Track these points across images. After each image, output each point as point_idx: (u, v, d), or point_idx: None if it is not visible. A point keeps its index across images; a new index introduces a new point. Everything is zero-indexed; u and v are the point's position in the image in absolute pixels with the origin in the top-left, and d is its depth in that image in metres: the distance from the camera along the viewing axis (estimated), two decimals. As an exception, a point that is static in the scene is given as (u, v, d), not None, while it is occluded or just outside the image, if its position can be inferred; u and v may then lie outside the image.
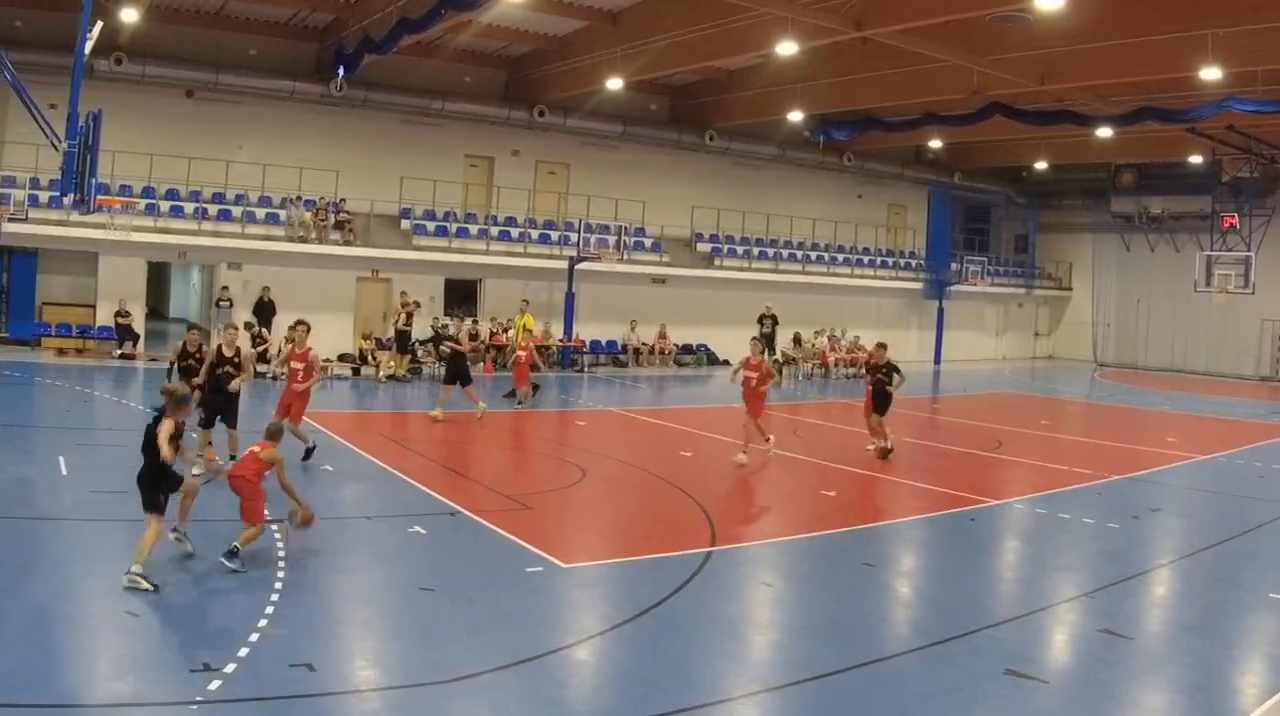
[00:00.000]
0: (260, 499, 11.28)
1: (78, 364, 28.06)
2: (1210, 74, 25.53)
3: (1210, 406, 34.08)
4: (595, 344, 37.95)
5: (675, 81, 39.77)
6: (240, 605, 9.73)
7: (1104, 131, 35.99)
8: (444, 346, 22.44)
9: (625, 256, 36.98)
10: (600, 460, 18.59)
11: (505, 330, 34.51)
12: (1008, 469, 20.66)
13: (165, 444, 10.24)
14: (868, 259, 46.67)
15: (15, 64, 22.60)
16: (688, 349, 40.16)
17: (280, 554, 11.29)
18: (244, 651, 8.43)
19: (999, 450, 22.48)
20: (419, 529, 12.94)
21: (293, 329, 18.00)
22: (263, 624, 9.11)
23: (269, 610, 9.48)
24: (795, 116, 37.04)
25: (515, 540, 12.53)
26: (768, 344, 36.34)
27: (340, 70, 33.20)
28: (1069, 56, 28.18)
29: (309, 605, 9.90)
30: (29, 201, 28.89)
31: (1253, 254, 40.99)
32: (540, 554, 11.98)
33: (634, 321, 38.09)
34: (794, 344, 38.84)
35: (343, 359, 31.18)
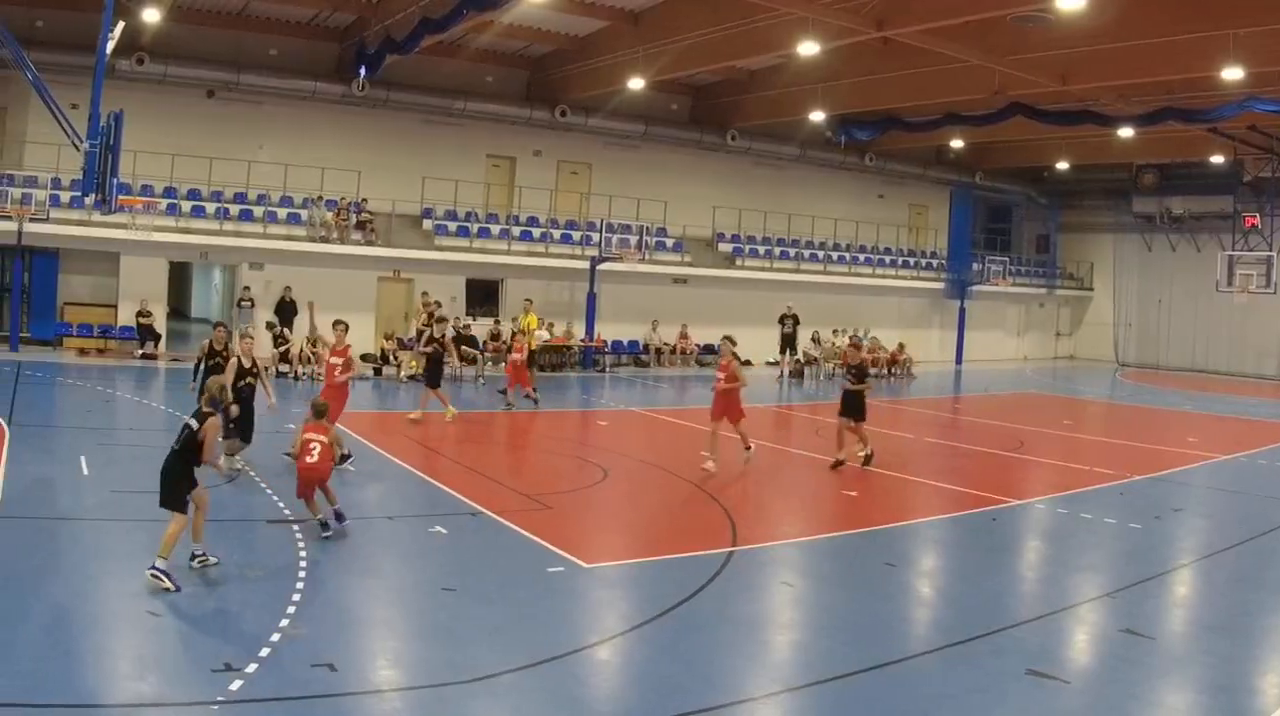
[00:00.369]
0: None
1: (99, 364, 28.12)
2: (1232, 74, 25.33)
3: (1232, 406, 33.86)
4: (617, 344, 37.90)
5: (697, 81, 39.70)
6: (262, 605, 9.71)
7: (1125, 131, 35.86)
8: (431, 346, 22.15)
9: (647, 256, 36.89)
10: (622, 460, 18.54)
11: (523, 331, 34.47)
12: (1029, 469, 20.57)
13: (211, 444, 10.39)
14: (889, 259, 46.53)
15: (37, 64, 22.73)
16: (709, 349, 39.93)
17: (302, 554, 11.28)
18: (265, 651, 8.41)
19: (1020, 450, 22.37)
20: (440, 529, 12.91)
21: (308, 331, 18.04)
22: (284, 624, 9.10)
23: (290, 610, 9.47)
24: (817, 116, 36.94)
25: (537, 540, 12.50)
26: (789, 344, 36.32)
27: (362, 70, 33.26)
28: (1090, 56, 28.02)
29: (330, 605, 9.88)
30: (50, 201, 29.07)
31: (1274, 254, 40.76)
32: (561, 554, 11.95)
33: (655, 321, 38.04)
34: (814, 343, 38.70)
35: (365, 359, 31.16)
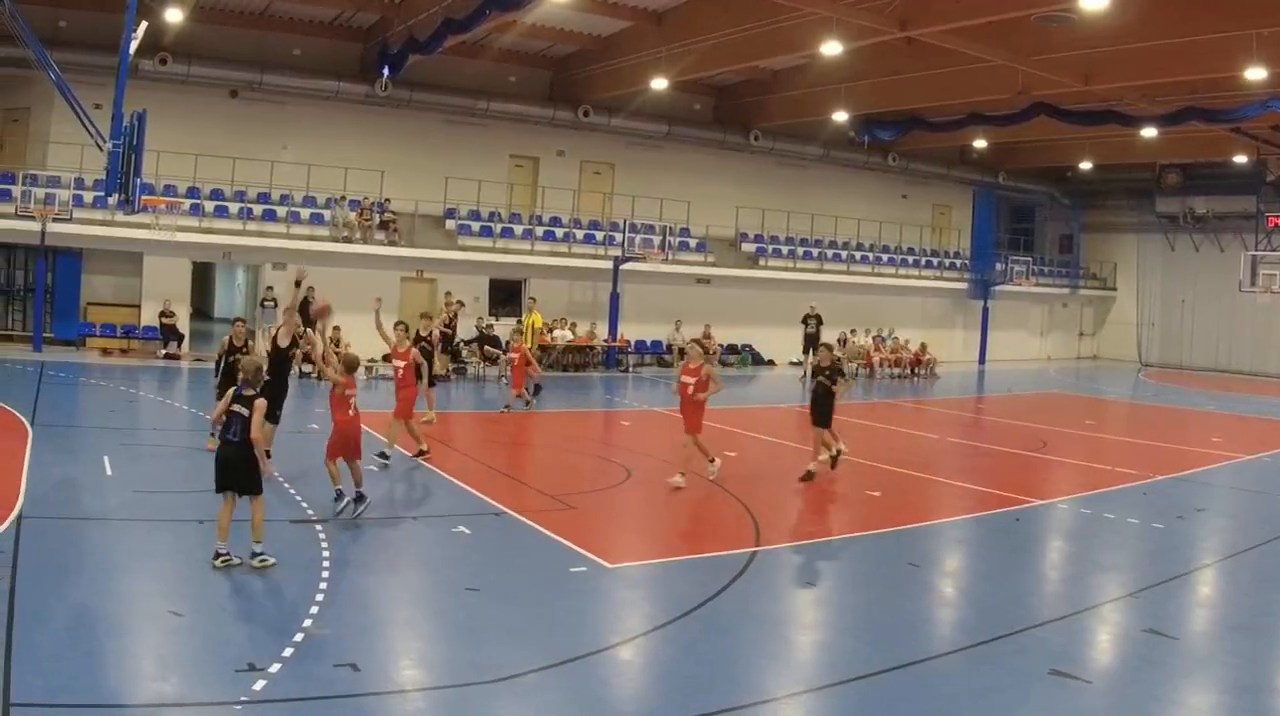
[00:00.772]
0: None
1: (122, 364, 28.24)
2: (1255, 74, 25.21)
3: (1255, 406, 33.64)
4: (640, 344, 37.89)
5: (720, 81, 39.65)
6: (285, 605, 9.72)
7: (1149, 131, 35.75)
8: (419, 344, 22.01)
9: (670, 256, 36.88)
10: (645, 460, 18.50)
11: (551, 330, 34.51)
12: (1052, 469, 20.47)
13: (259, 425, 10.60)
14: (912, 259, 46.41)
15: (60, 64, 22.77)
16: (732, 349, 40.03)
17: (325, 554, 11.25)
18: (288, 651, 8.38)
19: (1043, 450, 22.27)
20: (463, 529, 12.87)
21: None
22: (307, 624, 9.06)
23: (314, 610, 9.44)
24: (840, 116, 36.84)
25: (560, 540, 12.45)
26: (812, 344, 36.17)
27: (385, 70, 33.29)
28: (1113, 56, 27.90)
29: (353, 605, 9.84)
30: (74, 201, 29.20)
31: (1297, 254, 40.47)
32: (585, 554, 11.91)
33: (679, 321, 37.90)
34: (838, 343, 38.56)
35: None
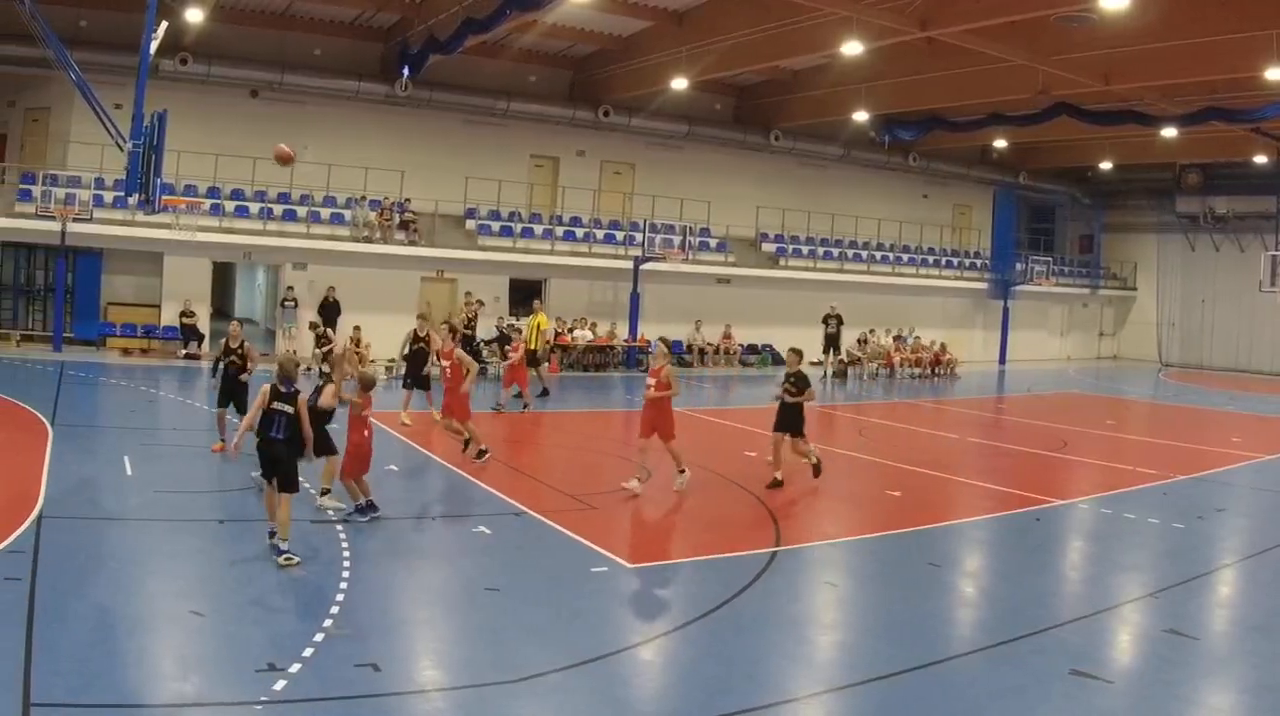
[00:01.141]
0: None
1: (143, 364, 28.31)
2: (1276, 74, 25.03)
3: (1275, 406, 33.46)
4: (659, 344, 37.68)
5: (740, 81, 39.62)
6: (305, 605, 9.71)
7: (1169, 131, 35.59)
8: (417, 345, 21.91)
9: (690, 256, 36.86)
10: (666, 460, 18.37)
11: (571, 330, 34.52)
12: (1072, 469, 20.40)
13: (306, 419, 11.41)
14: (933, 259, 46.26)
15: (80, 64, 22.85)
16: (753, 349, 39.94)
17: (345, 554, 11.24)
18: (309, 651, 8.37)
19: (1064, 450, 22.19)
20: (484, 529, 12.87)
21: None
22: (328, 624, 9.06)
23: (334, 610, 9.43)
24: (860, 116, 36.70)
25: (580, 540, 12.45)
26: (832, 344, 36.11)
27: (405, 70, 33.34)
28: (1134, 56, 27.84)
29: (374, 605, 9.82)
30: (94, 201, 29.35)
31: (1318, 254, 40.21)
32: (605, 554, 11.92)
33: (699, 321, 37.93)
34: (859, 344, 38.49)
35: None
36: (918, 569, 12.39)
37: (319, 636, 8.73)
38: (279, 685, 7.71)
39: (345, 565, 10.85)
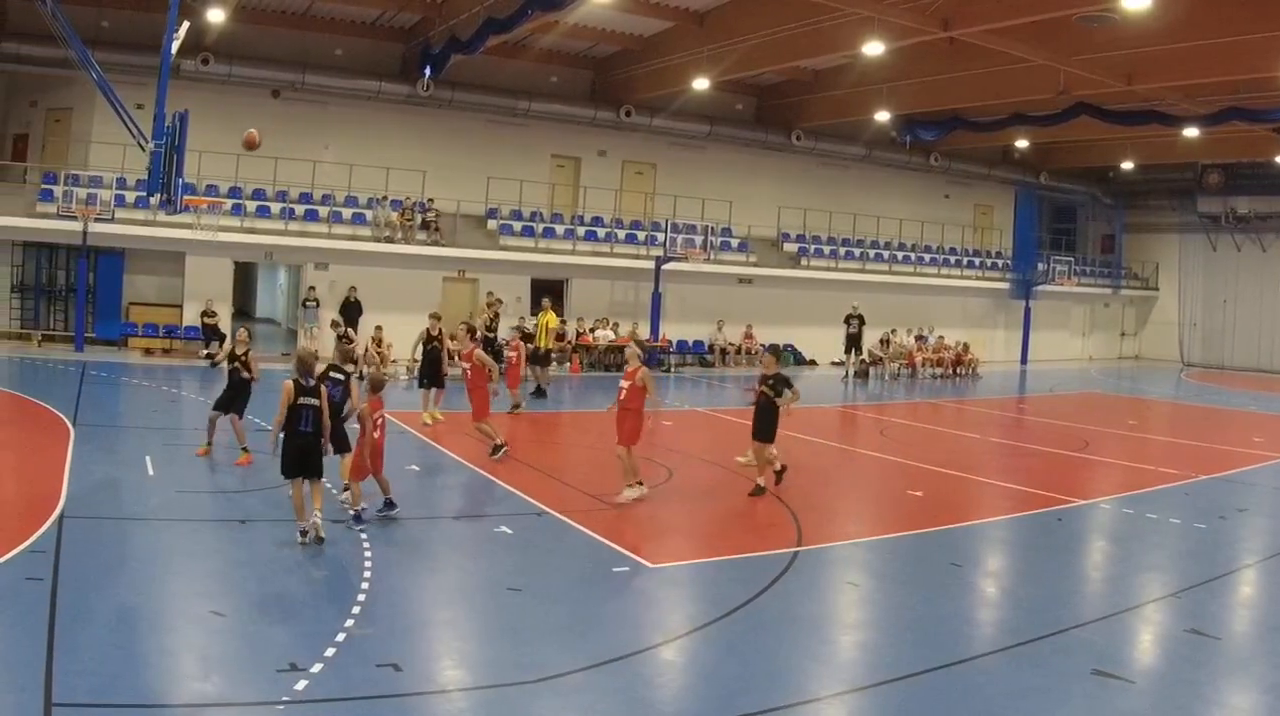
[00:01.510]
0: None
1: (164, 364, 28.38)
2: (1298, 74, 24.96)
3: (1297, 406, 33.23)
4: (682, 344, 37.78)
5: (761, 81, 39.57)
6: (327, 605, 9.69)
7: (1190, 131, 35.46)
8: (429, 345, 21.83)
9: (712, 256, 36.78)
10: (687, 460, 18.40)
11: (593, 330, 34.50)
12: (1094, 469, 20.29)
13: (326, 408, 11.74)
14: (954, 259, 46.15)
15: (102, 64, 22.93)
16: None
17: (367, 554, 11.23)
18: (330, 651, 8.35)
19: (1085, 450, 22.08)
20: (505, 528, 12.83)
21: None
22: (349, 624, 9.03)
23: (355, 610, 9.41)
24: (882, 116, 36.70)
25: (602, 540, 12.42)
26: (854, 344, 35.99)
27: (426, 70, 33.39)
28: (1156, 56, 27.80)
29: (395, 605, 9.79)
30: (116, 201, 29.46)
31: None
32: (627, 554, 11.88)
33: (721, 321, 37.89)
34: (881, 344, 38.39)
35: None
36: (940, 569, 12.31)
37: (340, 636, 8.70)
38: (300, 685, 7.69)
39: (366, 565, 10.82)
